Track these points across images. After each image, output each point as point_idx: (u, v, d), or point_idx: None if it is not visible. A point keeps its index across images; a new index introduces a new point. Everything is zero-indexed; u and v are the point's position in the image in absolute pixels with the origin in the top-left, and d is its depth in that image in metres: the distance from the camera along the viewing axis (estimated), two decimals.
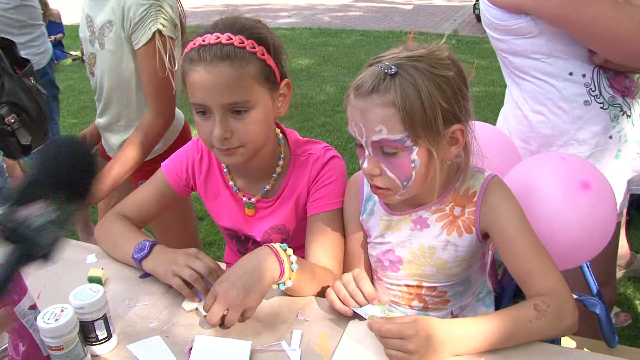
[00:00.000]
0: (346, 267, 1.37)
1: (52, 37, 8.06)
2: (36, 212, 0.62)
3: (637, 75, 1.56)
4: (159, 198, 1.51)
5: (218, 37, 1.20)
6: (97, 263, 1.42)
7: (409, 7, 12.36)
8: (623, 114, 1.54)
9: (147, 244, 1.31)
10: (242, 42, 1.21)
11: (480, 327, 1.04)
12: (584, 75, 1.52)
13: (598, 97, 1.52)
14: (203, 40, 1.21)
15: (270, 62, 1.26)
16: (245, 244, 1.51)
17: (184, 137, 2.02)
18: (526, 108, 1.62)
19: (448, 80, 1.10)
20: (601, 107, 1.53)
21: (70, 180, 0.69)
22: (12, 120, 1.93)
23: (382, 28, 9.83)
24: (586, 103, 1.53)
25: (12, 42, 2.09)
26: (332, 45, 8.39)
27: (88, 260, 1.43)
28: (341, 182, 1.41)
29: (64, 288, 1.14)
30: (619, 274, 2.65)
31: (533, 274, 1.13)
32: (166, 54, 1.72)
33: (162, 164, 1.53)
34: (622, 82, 1.54)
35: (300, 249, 1.44)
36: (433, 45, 1.14)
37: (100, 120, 2.02)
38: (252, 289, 1.13)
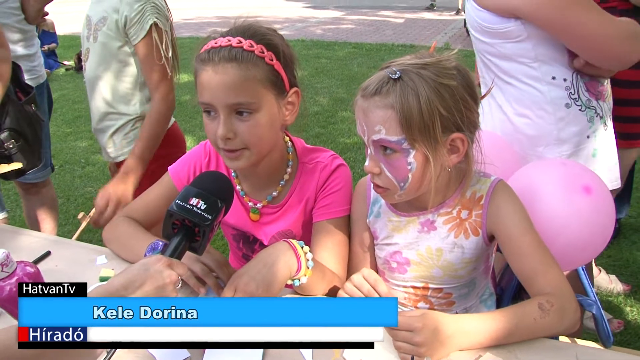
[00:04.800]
0: (351, 268, 1.40)
1: (46, 47, 8.10)
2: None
3: (606, 81, 1.70)
4: (166, 201, 1.51)
5: (229, 40, 1.24)
6: (107, 264, 1.44)
7: (401, 20, 12.49)
8: (597, 116, 1.67)
9: (160, 243, 1.33)
10: (252, 46, 1.24)
11: (486, 323, 1.08)
12: (565, 80, 1.62)
13: (577, 100, 1.63)
14: (215, 43, 1.25)
15: (279, 68, 1.28)
16: (252, 245, 1.53)
17: (169, 137, 2.13)
18: (510, 111, 1.69)
19: (450, 89, 1.13)
20: (579, 110, 1.64)
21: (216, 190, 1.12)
22: (11, 146, 2.02)
23: (374, 41, 9.93)
24: (567, 105, 1.63)
25: (18, 66, 2.14)
26: (325, 58, 8.46)
27: (98, 262, 1.45)
28: (348, 190, 1.44)
29: None
30: None
31: (537, 273, 1.17)
32: (162, 43, 1.93)
33: (169, 167, 1.55)
34: (596, 86, 1.66)
35: None
36: (443, 55, 1.18)
37: (92, 123, 2.20)
38: (271, 283, 1.15)
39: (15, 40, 2.46)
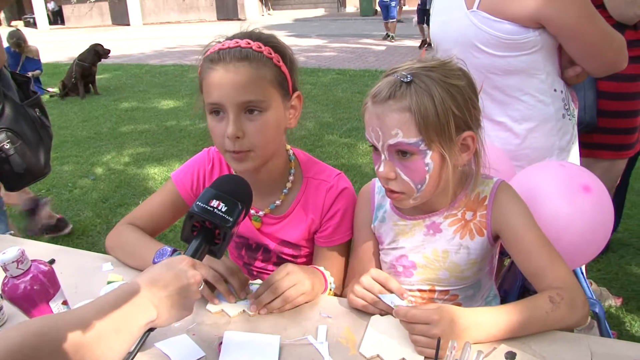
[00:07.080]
0: (357, 275, 1.39)
1: (30, 74, 8.06)
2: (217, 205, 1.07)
3: None
4: (169, 208, 1.53)
5: (237, 42, 1.27)
6: (113, 271, 1.43)
7: (382, 47, 12.70)
8: (576, 122, 1.78)
9: (169, 249, 1.33)
10: (260, 47, 1.27)
11: (500, 316, 1.10)
12: (561, 92, 1.69)
13: (568, 109, 1.71)
14: (223, 45, 1.28)
15: (285, 70, 1.31)
16: (255, 252, 1.53)
17: None
18: (517, 128, 1.72)
19: (459, 89, 1.17)
20: (569, 119, 1.72)
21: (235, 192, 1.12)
22: (7, 147, 1.93)
23: (357, 67, 10.06)
24: (563, 116, 1.70)
25: (29, 78, 2.13)
26: (309, 84, 8.52)
27: (104, 269, 1.44)
28: (351, 213, 1.47)
29: (82, 296, 1.17)
30: None
31: (545, 269, 1.19)
32: None
33: (172, 174, 1.55)
34: (575, 95, 1.76)
35: (309, 257, 1.51)
36: (445, 58, 1.22)
37: None
38: (313, 288, 1.28)
39: None
